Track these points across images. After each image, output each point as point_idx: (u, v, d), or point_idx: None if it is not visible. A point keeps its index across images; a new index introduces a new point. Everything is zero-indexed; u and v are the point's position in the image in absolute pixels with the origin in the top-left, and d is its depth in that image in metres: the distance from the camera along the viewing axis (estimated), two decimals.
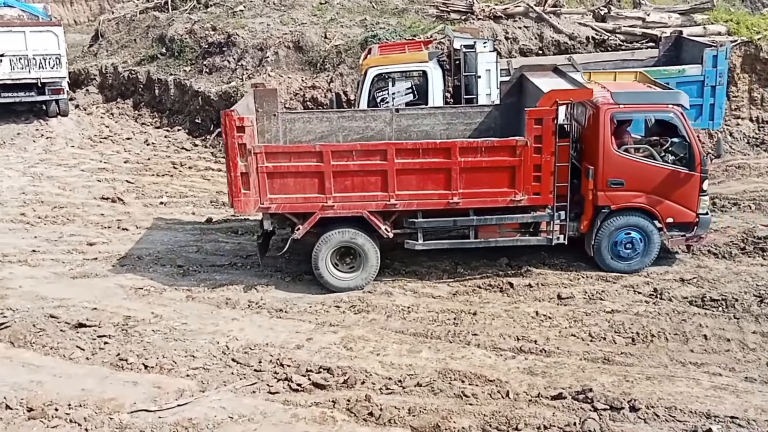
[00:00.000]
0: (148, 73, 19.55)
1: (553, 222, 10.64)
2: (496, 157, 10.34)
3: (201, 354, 8.94)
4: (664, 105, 10.68)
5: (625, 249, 10.84)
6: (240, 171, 10.37)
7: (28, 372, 8.58)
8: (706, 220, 10.80)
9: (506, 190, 10.43)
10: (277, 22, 19.08)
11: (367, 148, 10.56)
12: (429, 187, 10.52)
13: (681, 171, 10.56)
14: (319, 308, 10.14)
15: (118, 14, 23.94)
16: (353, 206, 10.59)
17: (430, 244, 10.88)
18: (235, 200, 10.52)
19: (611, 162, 10.54)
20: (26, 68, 18.92)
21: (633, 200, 10.68)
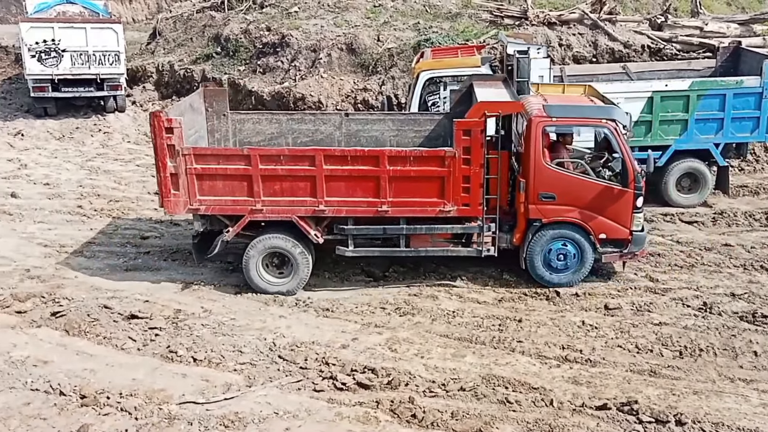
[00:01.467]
0: (203, 71, 19.90)
1: (482, 234, 10.55)
2: (425, 167, 10.26)
3: (248, 349, 9.09)
4: (598, 119, 10.43)
5: (558, 261, 10.72)
6: (169, 172, 10.35)
7: (81, 360, 8.84)
8: (639, 237, 10.59)
9: (435, 201, 10.35)
10: (330, 24, 19.26)
11: (296, 154, 10.48)
12: (358, 195, 10.42)
13: (614, 187, 10.40)
14: (365, 309, 10.21)
15: (176, 13, 24.44)
16: (282, 211, 10.52)
17: (360, 251, 10.83)
18: (165, 200, 10.52)
19: (542, 175, 10.40)
20: (86, 64, 19.40)
21: (565, 215, 10.53)
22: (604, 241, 10.60)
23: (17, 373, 8.46)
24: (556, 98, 11.34)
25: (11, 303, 10.17)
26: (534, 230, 10.61)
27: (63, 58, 19.33)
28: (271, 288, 10.73)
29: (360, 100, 17.14)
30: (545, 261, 10.70)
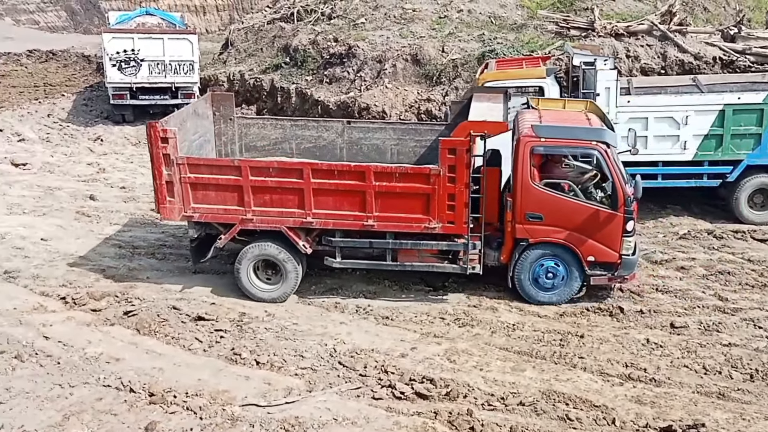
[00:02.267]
0: (272, 81, 20.33)
1: (468, 251, 10.47)
2: (411, 183, 10.27)
3: (309, 354, 9.26)
4: (588, 141, 10.17)
5: (546, 279, 10.58)
6: (165, 179, 10.64)
7: (150, 359, 9.16)
8: (629, 261, 10.32)
9: (420, 217, 10.36)
10: (396, 35, 19.43)
11: (285, 166, 10.65)
12: (345, 208, 10.50)
13: (603, 210, 10.18)
14: (424, 319, 10.27)
15: (247, 24, 25.04)
16: (272, 221, 10.67)
17: (347, 263, 10.97)
18: (161, 207, 10.83)
19: (530, 195, 10.26)
20: (162, 73, 20.13)
21: (552, 235, 10.36)
22: (593, 264, 10.39)
23: (91, 369, 8.84)
24: (552, 115, 11.04)
25: (87, 301, 10.64)
26: (521, 249, 10.51)
27: (141, 67, 20.09)
28: (262, 294, 10.93)
29: (423, 111, 17.23)
30: (533, 279, 10.59)
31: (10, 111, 21.87)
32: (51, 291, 11.00)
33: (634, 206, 10.16)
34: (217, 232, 11.01)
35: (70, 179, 16.76)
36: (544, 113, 11.08)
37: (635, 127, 13.44)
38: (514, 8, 20.41)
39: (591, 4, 19.14)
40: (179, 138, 10.88)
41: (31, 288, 11.13)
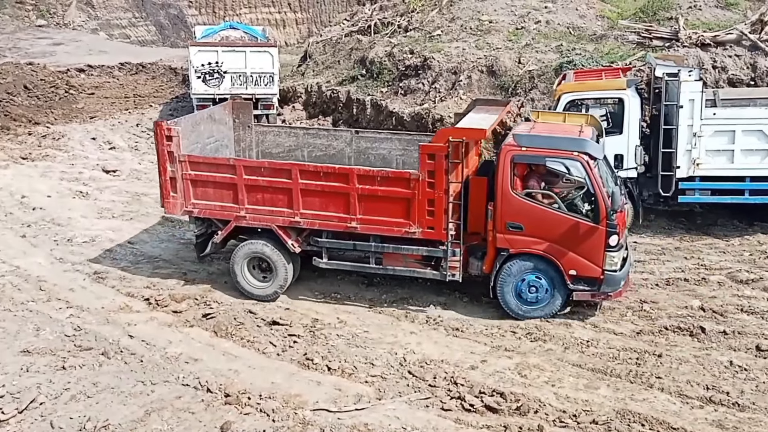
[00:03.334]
0: (348, 92, 20.61)
1: (447, 258, 10.37)
2: (392, 187, 10.42)
3: (380, 363, 9.36)
4: (569, 152, 9.82)
5: (529, 293, 10.35)
6: (169, 176, 11.28)
7: (227, 360, 9.45)
8: (613, 278, 9.95)
9: (402, 221, 10.47)
10: (472, 46, 19.40)
11: (275, 167, 11.00)
12: (330, 209, 10.74)
13: (584, 223, 9.88)
14: (495, 332, 10.21)
15: (325, 37, 25.49)
16: (263, 219, 11.06)
17: (333, 264, 11.17)
18: (165, 201, 11.51)
19: (510, 204, 10.10)
20: (244, 84, 20.70)
21: (532, 246, 10.15)
22: (576, 278, 10.09)
23: (171, 368, 9.20)
24: (545, 127, 10.81)
25: (169, 303, 11.08)
26: (502, 260, 10.36)
27: (224, 79, 20.73)
28: (254, 291, 11.29)
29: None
30: (515, 292, 10.39)
31: (102, 120, 22.99)
32: (136, 292, 11.50)
33: (618, 220, 9.81)
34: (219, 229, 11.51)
35: (155, 186, 17.38)
36: (539, 125, 10.93)
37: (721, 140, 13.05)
38: (593, 19, 20.08)
39: (675, 14, 18.62)
40: (191, 139, 11.69)
41: (118, 288, 11.66)
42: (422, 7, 22.47)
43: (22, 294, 11.35)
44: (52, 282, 11.82)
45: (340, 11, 41.80)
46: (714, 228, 13.92)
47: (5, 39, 35.10)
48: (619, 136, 13.38)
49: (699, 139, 13.10)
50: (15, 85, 23.80)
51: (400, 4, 23.85)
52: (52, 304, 11.05)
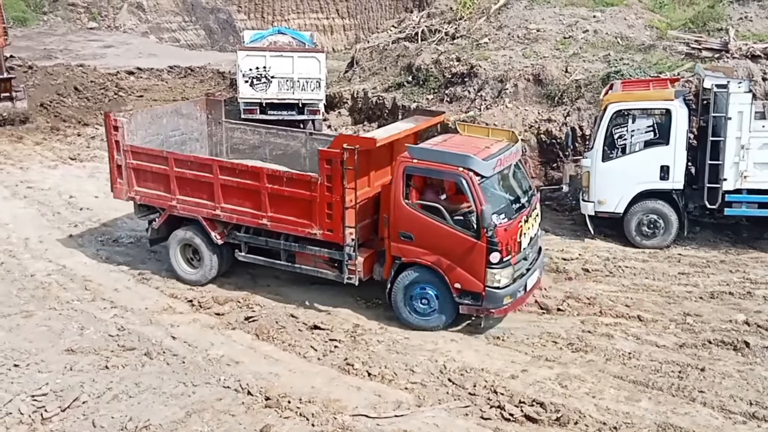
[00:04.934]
0: (394, 99, 20.67)
1: (344, 261, 10.59)
2: (297, 189, 10.74)
3: (420, 370, 9.37)
4: (454, 167, 9.90)
5: (420, 304, 10.43)
6: (116, 163, 12.19)
7: (268, 364, 9.57)
8: (494, 295, 9.90)
9: (305, 222, 10.77)
10: (519, 55, 19.32)
11: (200, 161, 11.65)
12: (246, 206, 11.20)
13: (467, 237, 9.90)
14: (536, 341, 10.15)
15: (372, 44, 25.61)
16: (191, 210, 11.71)
17: (250, 257, 11.65)
18: (114, 187, 12.47)
19: (401, 214, 10.29)
20: (291, 90, 20.88)
21: (421, 257, 10.27)
22: (461, 292, 10.09)
23: (213, 370, 9.34)
24: (456, 140, 10.98)
25: (212, 305, 11.25)
26: (396, 268, 10.53)
27: (271, 83, 20.93)
28: (184, 275, 12.06)
29: (543, 131, 17.03)
30: (407, 300, 10.48)
31: None
32: (179, 294, 11.71)
33: (500, 237, 9.73)
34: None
35: None
36: (453, 138, 11.22)
37: None
38: (642, 29, 19.83)
39: (725, 25, 18.28)
40: (150, 131, 12.70)
41: (162, 290, 11.89)
42: (470, 15, 22.43)
43: (67, 293, 11.63)
44: (98, 282, 12.10)
45: (387, 18, 42.00)
46: (760, 242, 13.61)
47: (57, 41, 36.13)
48: (666, 147, 13.21)
49: (747, 151, 12.85)
50: (66, 87, 24.50)
51: (448, 12, 23.86)
52: (97, 303, 11.30)
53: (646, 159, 13.33)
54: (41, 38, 36.20)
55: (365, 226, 10.85)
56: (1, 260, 12.73)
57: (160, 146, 12.54)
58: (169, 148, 12.55)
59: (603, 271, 12.41)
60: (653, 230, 13.44)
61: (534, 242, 10.90)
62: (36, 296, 11.43)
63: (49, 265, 12.67)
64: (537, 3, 21.49)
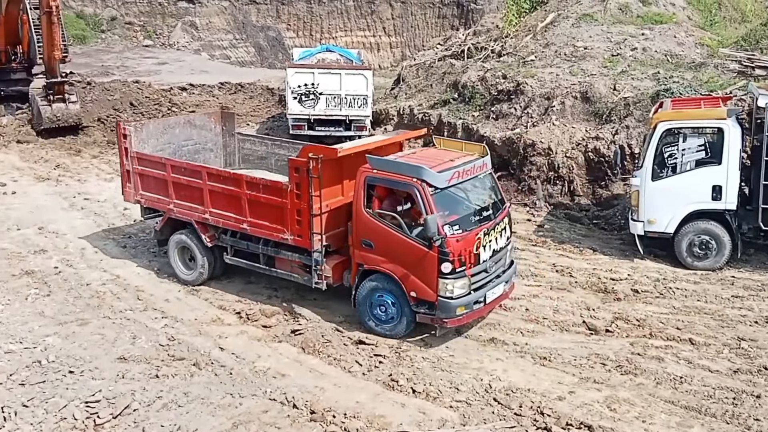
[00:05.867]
0: (439, 116, 20.75)
1: (313, 266, 11.05)
2: (270, 195, 11.27)
3: (465, 388, 9.32)
4: (409, 177, 10.23)
5: (379, 310, 10.74)
6: (126, 168, 13.13)
7: (313, 377, 9.62)
8: (446, 305, 10.11)
9: (278, 227, 11.27)
10: (566, 72, 19.22)
11: (192, 168, 12.32)
12: (230, 211, 11.79)
13: (419, 247, 10.14)
14: (584, 363, 10.02)
15: (419, 61, 25.80)
16: (186, 213, 12.41)
17: (235, 260, 12.28)
18: (124, 190, 13.41)
19: (362, 222, 10.65)
20: (338, 106, 21.15)
21: (381, 264, 10.59)
22: (417, 300, 10.34)
23: (259, 382, 9.44)
24: (424, 152, 11.60)
25: (259, 317, 11.37)
26: (359, 274, 10.86)
27: (319, 100, 21.24)
28: (181, 275, 12.71)
29: (591, 149, 16.89)
30: (368, 307, 10.81)
31: None
32: (228, 305, 11.88)
33: (453, 248, 9.92)
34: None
35: None
36: (424, 150, 11.93)
37: None
38: (692, 46, 19.57)
39: None
40: (162, 140, 13.59)
41: (210, 301, 12.08)
42: (516, 32, 22.47)
43: (121, 302, 11.90)
44: (149, 292, 12.36)
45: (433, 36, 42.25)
46: None
47: (114, 58, 37.14)
48: (718, 167, 12.97)
49: None
50: (122, 102, 25.16)
51: (494, 30, 23.96)
52: (149, 313, 11.54)
53: (697, 179, 13.10)
54: (99, 55, 37.26)
55: (338, 233, 11.22)
56: (59, 269, 13.10)
57: (172, 155, 13.41)
58: (182, 157, 13.48)
59: (653, 293, 12.19)
60: (705, 251, 13.18)
61: (501, 255, 11.02)
62: (91, 305, 11.73)
63: (103, 275, 13.00)
64: (584, 21, 21.40)
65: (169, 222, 12.84)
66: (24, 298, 11.85)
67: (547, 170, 17.11)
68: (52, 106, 21.58)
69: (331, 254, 11.26)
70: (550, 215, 16.36)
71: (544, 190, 17.04)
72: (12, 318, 11.06)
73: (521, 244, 14.57)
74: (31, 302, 11.71)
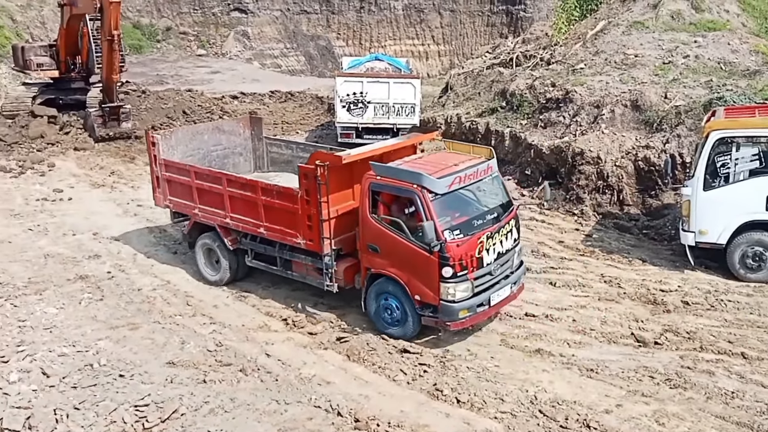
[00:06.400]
0: (487, 124, 20.65)
1: (324, 269, 11.37)
2: (284, 201, 11.60)
3: (510, 399, 9.25)
4: (409, 183, 10.44)
5: (386, 313, 11.01)
6: (156, 175, 13.71)
7: (358, 386, 9.67)
8: (448, 308, 10.28)
9: (292, 232, 11.61)
10: (616, 80, 18.94)
11: (213, 174, 12.80)
12: (249, 215, 12.21)
13: (421, 251, 10.30)
14: (632, 375, 9.85)
15: (467, 69, 25.72)
16: (209, 218, 12.93)
17: (254, 263, 12.73)
18: (154, 195, 14.03)
19: (368, 227, 10.90)
20: (386, 115, 21.29)
21: (386, 268, 10.84)
22: (421, 303, 10.55)
23: (305, 389, 9.53)
24: (430, 157, 11.63)
25: (305, 324, 11.50)
26: (368, 278, 11.13)
27: (368, 108, 21.41)
28: (207, 276, 13.24)
29: (641, 158, 16.61)
30: (376, 310, 11.09)
31: None
32: (275, 312, 12.04)
33: (452, 252, 10.09)
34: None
35: None
36: (432, 155, 11.91)
37: None
38: (746, 54, 19.07)
39: None
40: (191, 146, 14.25)
41: (258, 308, 12.26)
42: (566, 40, 22.24)
43: (170, 308, 12.17)
44: (198, 298, 12.61)
45: (482, 44, 42.10)
46: None
47: (168, 67, 38.09)
48: None
49: None
50: (175, 110, 25.77)
51: (543, 38, 23.75)
52: (197, 319, 11.76)
53: (751, 189, 12.77)
54: (154, 64, 38.27)
55: (350, 237, 11.46)
56: (112, 274, 13.48)
57: (201, 160, 14.19)
58: (211, 162, 14.27)
59: (704, 305, 11.92)
60: (759, 263, 12.83)
61: (507, 257, 11.08)
62: (142, 310, 12.02)
63: (154, 280, 13.30)
64: (635, 28, 21.05)
65: (195, 226, 13.39)
66: (78, 302, 12.21)
67: (596, 179, 16.86)
68: (106, 125, 22.38)
69: (343, 257, 11.56)
70: (599, 225, 16.13)
71: (592, 199, 16.79)
72: (66, 322, 11.41)
73: (569, 254, 14.43)
74: (84, 306, 12.06)
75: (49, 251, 14.47)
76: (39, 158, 20.80)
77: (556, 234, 15.66)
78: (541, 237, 15.48)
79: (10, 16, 32.50)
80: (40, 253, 14.33)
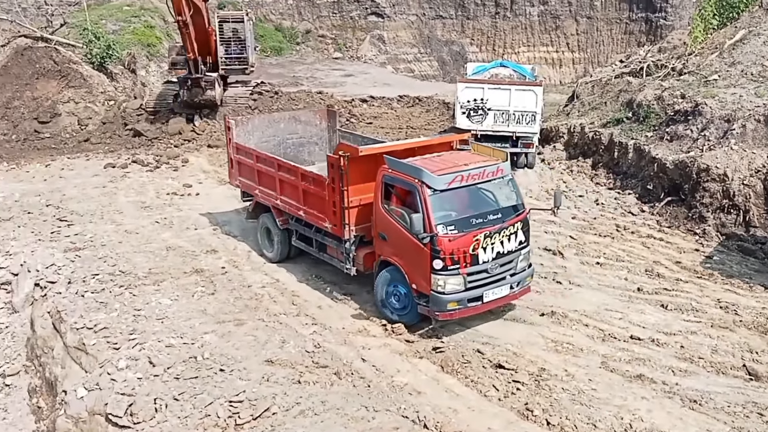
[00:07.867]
0: (611, 135, 19.95)
1: (345, 253, 12.29)
2: (316, 187, 12.63)
3: (603, 426, 8.94)
4: (411, 177, 11.08)
5: (393, 299, 11.66)
6: (230, 156, 15.38)
7: (448, 398, 9.60)
8: (437, 299, 10.87)
9: (322, 216, 12.60)
10: (751, 93, 17.72)
11: (269, 158, 14.04)
12: (294, 198, 13.35)
13: (417, 243, 10.84)
14: (738, 410, 9.27)
15: (596, 77, 24.96)
16: (267, 199, 14.30)
17: (298, 243, 13.94)
18: (229, 174, 15.82)
19: (379, 216, 11.71)
20: (506, 122, 20.97)
21: (392, 256, 11.59)
22: (419, 293, 11.15)
23: (395, 398, 9.55)
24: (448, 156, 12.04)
25: (403, 331, 11.52)
26: (378, 263, 11.94)
27: (488, 115, 21.21)
28: (265, 252, 14.64)
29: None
30: (385, 295, 11.76)
31: None
32: (375, 316, 12.10)
33: (443, 246, 10.62)
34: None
35: None
36: (450, 154, 12.30)
37: None
38: None
39: None
40: (267, 133, 15.80)
41: (360, 311, 12.40)
42: (701, 50, 21.07)
43: (276, 306, 12.51)
44: (304, 297, 12.91)
45: (618, 52, 40.72)
46: None
47: (305, 69, 39.42)
48: None
49: None
50: None
51: (680, 47, 22.61)
52: (300, 318, 12.02)
53: None
54: (292, 66, 39.75)
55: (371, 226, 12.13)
56: (226, 269, 14.04)
57: (276, 147, 15.63)
58: (286, 150, 15.73)
59: None
60: None
61: (509, 258, 11.36)
62: (249, 306, 12.41)
63: (264, 278, 13.74)
64: None
65: (257, 205, 14.85)
66: (191, 294, 12.74)
67: (721, 197, 15.89)
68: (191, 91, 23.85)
69: (365, 244, 12.39)
70: (721, 246, 15.17)
71: (716, 218, 15.83)
72: (178, 313, 11.95)
73: (685, 275, 13.71)
74: (196, 299, 12.57)
75: (171, 244, 15.25)
76: (174, 154, 22.24)
77: (673, 253, 14.91)
78: (657, 256, 14.78)
79: (162, 17, 34.60)
80: (163, 246, 15.10)
